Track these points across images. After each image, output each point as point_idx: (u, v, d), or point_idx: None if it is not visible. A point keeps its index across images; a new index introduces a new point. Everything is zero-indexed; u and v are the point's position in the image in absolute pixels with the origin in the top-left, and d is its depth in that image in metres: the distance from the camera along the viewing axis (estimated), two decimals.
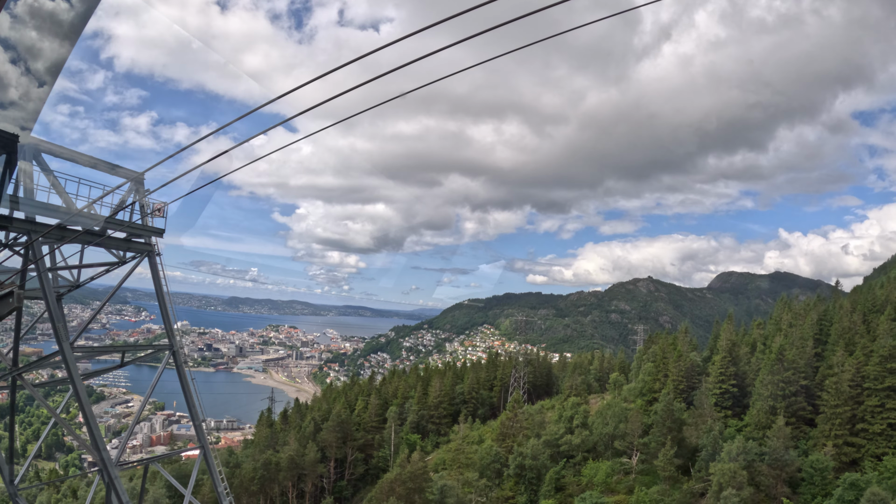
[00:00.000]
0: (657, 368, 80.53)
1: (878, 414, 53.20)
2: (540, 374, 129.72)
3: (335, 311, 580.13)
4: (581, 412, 74.19)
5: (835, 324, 65.93)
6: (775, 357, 60.49)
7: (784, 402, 58.51)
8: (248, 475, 78.17)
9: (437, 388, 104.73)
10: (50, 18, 9.82)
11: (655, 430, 59.40)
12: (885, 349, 54.43)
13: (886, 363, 54.13)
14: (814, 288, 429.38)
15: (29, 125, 10.80)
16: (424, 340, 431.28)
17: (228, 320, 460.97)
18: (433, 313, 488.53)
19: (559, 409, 78.13)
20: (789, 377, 58.91)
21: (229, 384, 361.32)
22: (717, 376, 68.63)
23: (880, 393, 53.61)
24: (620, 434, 63.27)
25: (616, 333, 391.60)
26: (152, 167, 9.49)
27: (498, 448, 71.56)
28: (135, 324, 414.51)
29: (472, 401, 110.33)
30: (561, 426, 70.98)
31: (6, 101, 10.51)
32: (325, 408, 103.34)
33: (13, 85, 10.28)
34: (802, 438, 57.33)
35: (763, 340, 77.31)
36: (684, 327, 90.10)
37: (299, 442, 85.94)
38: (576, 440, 67.69)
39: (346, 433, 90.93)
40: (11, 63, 9.92)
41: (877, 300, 74.87)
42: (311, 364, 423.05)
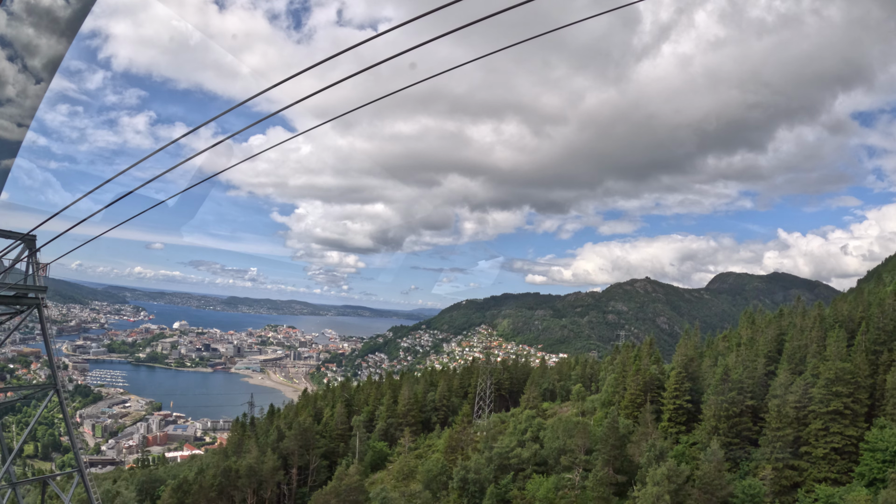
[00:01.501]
0: (617, 381, 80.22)
1: (822, 437, 52.73)
2: (517, 381, 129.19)
3: (334, 311, 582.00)
4: (535, 425, 73.95)
5: (786, 342, 65.35)
6: (720, 377, 60.03)
7: (728, 423, 58.10)
8: (208, 482, 78.68)
9: (406, 395, 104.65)
10: (47, 15, 9.83)
11: (599, 447, 59.12)
12: (831, 371, 53.90)
13: (832, 386, 53.61)
14: (812, 289, 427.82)
15: (26, 122, 10.81)
16: (422, 341, 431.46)
17: (227, 320, 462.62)
18: (432, 313, 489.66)
19: (513, 421, 77.81)
20: (733, 397, 58.45)
21: (226, 384, 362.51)
22: (671, 392, 68.23)
23: (825, 416, 53.11)
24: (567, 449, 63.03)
25: (613, 334, 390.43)
26: (40, 225, 9.46)
27: (445, 461, 71.45)
28: (133, 323, 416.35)
29: (444, 408, 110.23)
30: (513, 439, 70.79)
31: (3, 98, 10.53)
32: (290, 416, 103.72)
33: (10, 82, 10.32)
34: (745, 460, 56.96)
35: (726, 354, 76.78)
36: (649, 339, 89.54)
37: (261, 449, 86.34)
38: (525, 454, 67.49)
39: (309, 441, 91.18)
40: (8, 60, 9.92)
41: (839, 315, 74.27)
42: (309, 364, 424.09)
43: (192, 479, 79.34)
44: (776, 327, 75.78)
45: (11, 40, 9.23)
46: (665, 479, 44.29)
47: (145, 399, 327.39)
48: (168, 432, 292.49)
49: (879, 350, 63.01)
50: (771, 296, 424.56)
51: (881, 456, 48.08)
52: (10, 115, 10.02)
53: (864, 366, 56.93)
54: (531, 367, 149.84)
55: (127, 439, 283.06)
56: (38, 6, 8.88)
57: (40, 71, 9.31)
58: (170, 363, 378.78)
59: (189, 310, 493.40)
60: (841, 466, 51.67)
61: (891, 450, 47.84)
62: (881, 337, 64.45)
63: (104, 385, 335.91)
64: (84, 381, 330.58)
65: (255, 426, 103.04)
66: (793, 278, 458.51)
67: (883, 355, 61.87)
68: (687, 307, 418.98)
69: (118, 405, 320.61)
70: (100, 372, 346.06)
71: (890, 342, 63.71)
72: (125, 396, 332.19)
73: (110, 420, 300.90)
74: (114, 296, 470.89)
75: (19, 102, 9.80)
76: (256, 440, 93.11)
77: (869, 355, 63.47)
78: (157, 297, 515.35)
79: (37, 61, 9.32)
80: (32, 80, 9.50)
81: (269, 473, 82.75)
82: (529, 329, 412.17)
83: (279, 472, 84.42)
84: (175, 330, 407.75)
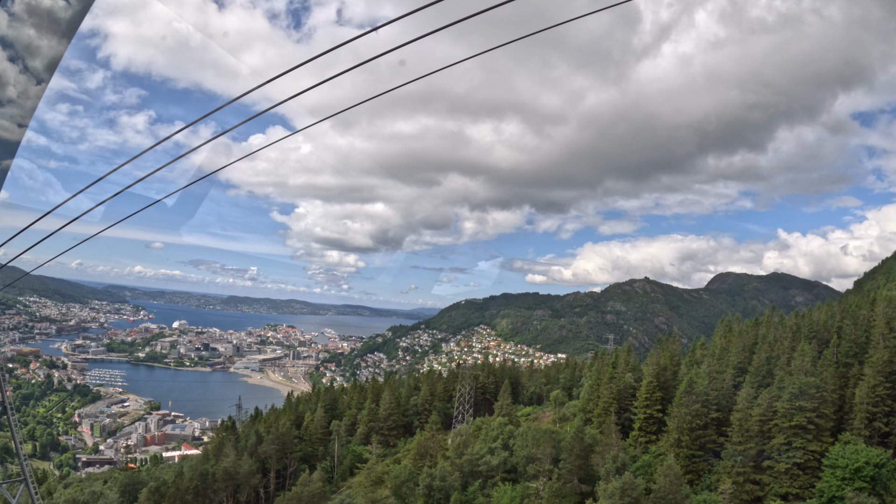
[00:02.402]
0: (592, 389, 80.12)
1: (784, 452, 52.53)
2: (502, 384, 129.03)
3: (334, 311, 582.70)
4: (506, 432, 73.92)
5: (755, 354, 65.05)
6: (684, 388, 59.86)
7: (691, 435, 57.96)
8: (185, 485, 79.55)
9: (388, 400, 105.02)
10: (47, 16, 9.97)
11: (565, 456, 59.08)
12: (795, 386, 53.70)
13: (796, 400, 53.42)
14: (811, 289, 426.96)
15: (25, 122, 10.94)
16: (421, 340, 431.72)
17: (227, 319, 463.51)
18: (432, 313, 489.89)
19: (485, 428, 77.77)
20: (697, 410, 58.30)
21: (225, 384, 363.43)
22: (642, 401, 68.13)
23: (787, 431, 52.93)
24: (535, 458, 63.00)
25: (611, 334, 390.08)
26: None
27: (412, 467, 71.60)
28: (133, 323, 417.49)
29: (426, 412, 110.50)
30: (485, 446, 70.84)
31: (4, 98, 10.69)
32: (271, 420, 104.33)
33: (11, 83, 10.45)
34: (709, 473, 56.81)
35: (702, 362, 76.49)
36: (627, 346, 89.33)
37: (239, 453, 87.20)
38: (494, 461, 67.51)
39: (287, 445, 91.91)
40: (10, 61, 10.08)
41: (815, 325, 73.98)
42: (308, 364, 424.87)
43: (170, 482, 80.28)
44: (752, 336, 75.61)
45: (12, 41, 9.37)
46: (618, 492, 44.18)
47: (144, 398, 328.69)
48: (166, 432, 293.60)
49: (850, 363, 62.81)
50: (770, 296, 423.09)
51: (841, 473, 47.91)
52: (11, 116, 10.22)
53: (831, 380, 56.71)
54: (520, 369, 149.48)
55: (125, 439, 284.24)
56: (39, 6, 9.04)
57: (41, 72, 9.50)
58: (169, 363, 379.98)
59: (189, 309, 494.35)
60: (803, 482, 51.51)
61: (850, 467, 47.63)
62: (853, 349, 64.24)
63: (103, 384, 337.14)
64: (83, 381, 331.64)
65: (236, 429, 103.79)
66: (792, 279, 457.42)
67: (853, 368, 61.67)
68: (686, 307, 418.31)
69: (117, 405, 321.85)
70: (99, 371, 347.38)
71: (861, 355, 63.49)
72: (124, 396, 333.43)
73: (109, 419, 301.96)
74: (114, 295, 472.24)
75: (19, 103, 9.95)
76: (236, 444, 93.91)
77: (840, 367, 63.30)
78: (157, 297, 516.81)
79: (37, 62, 9.49)
80: (33, 80, 9.68)
81: (246, 477, 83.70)
82: (528, 329, 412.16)
83: (256, 476, 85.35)
84: (174, 329, 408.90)
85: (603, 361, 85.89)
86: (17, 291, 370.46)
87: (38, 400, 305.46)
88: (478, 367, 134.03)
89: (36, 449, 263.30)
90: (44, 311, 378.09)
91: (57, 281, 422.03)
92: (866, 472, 47.24)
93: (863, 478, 47.03)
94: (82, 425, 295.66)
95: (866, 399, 55.98)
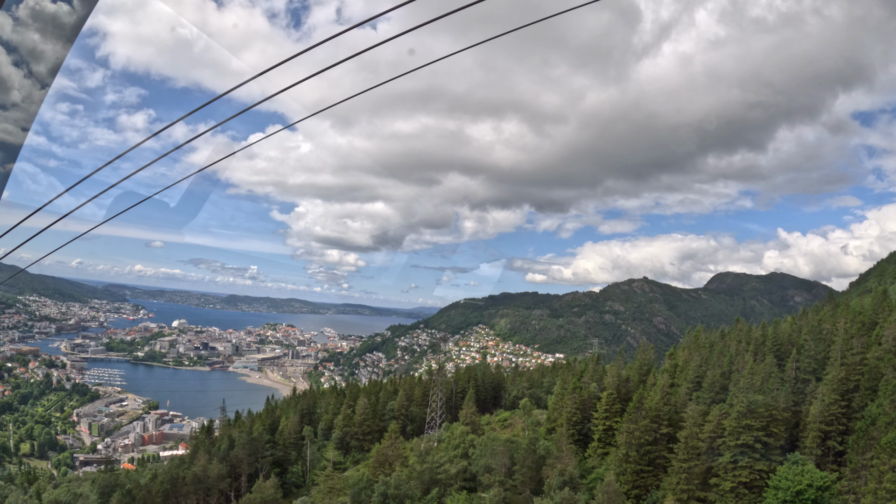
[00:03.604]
0: (558, 397, 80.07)
1: (730, 471, 52.44)
2: (485, 388, 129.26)
3: (334, 310, 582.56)
4: (467, 441, 74.09)
5: (709, 369, 64.85)
6: (635, 403, 59.76)
7: (640, 451, 57.84)
8: (156, 489, 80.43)
9: (363, 405, 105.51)
10: (52, 21, 10.22)
11: (517, 467, 59.16)
12: (742, 405, 53.55)
13: (743, 419, 53.27)
14: (810, 289, 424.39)
15: (27, 126, 11.21)
16: (420, 340, 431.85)
17: (227, 318, 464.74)
18: (432, 312, 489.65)
19: (448, 437, 77.95)
20: (647, 425, 58.18)
21: (224, 383, 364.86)
22: (601, 413, 68.09)
23: (734, 449, 52.82)
24: (491, 468, 63.10)
25: (610, 334, 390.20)
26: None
27: (370, 475, 71.90)
28: (133, 322, 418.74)
29: (402, 418, 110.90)
30: (446, 455, 71.06)
31: (8, 103, 10.95)
32: (246, 424, 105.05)
33: (16, 87, 10.70)
34: (656, 488, 56.71)
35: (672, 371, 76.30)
36: (596, 356, 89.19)
37: (210, 457, 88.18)
38: (453, 470, 67.70)
39: (258, 450, 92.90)
40: (14, 66, 10.36)
41: (780, 338, 73.70)
42: (307, 363, 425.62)
43: (142, 485, 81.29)
44: (720, 347, 75.49)
45: (17, 45, 9.44)
46: None
47: (142, 398, 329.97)
48: (164, 431, 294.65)
49: (808, 379, 62.59)
50: (769, 296, 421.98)
51: (782, 496, 47.75)
52: (15, 120, 10.33)
53: (783, 397, 56.53)
54: (504, 373, 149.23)
55: (123, 438, 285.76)
56: (43, 11, 9.15)
57: (44, 75, 9.64)
58: (168, 362, 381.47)
59: (189, 308, 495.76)
60: (749, 501, 51.46)
61: (792, 490, 47.46)
62: (811, 365, 64.00)
63: (102, 384, 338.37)
64: (82, 380, 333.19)
65: (211, 433, 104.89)
66: (791, 278, 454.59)
67: (811, 385, 61.46)
68: (684, 307, 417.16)
69: (115, 404, 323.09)
70: (98, 371, 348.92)
71: (819, 371, 63.22)
72: (122, 395, 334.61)
73: (107, 419, 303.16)
74: (114, 294, 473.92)
75: (24, 107, 10.05)
76: (209, 448, 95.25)
77: (798, 383, 63.13)
78: (157, 295, 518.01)
79: (42, 66, 9.62)
80: (38, 85, 9.77)
81: (215, 481, 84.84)
82: (527, 329, 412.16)
83: (225, 480, 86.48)
84: (174, 328, 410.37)
85: (567, 372, 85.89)
86: (16, 290, 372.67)
87: (37, 399, 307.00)
88: (459, 373, 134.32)
89: (34, 448, 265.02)
90: (43, 310, 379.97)
91: (57, 280, 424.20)
92: (808, 494, 47.07)
93: (804, 501, 46.87)
94: (80, 425, 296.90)
95: (819, 418, 55.78)
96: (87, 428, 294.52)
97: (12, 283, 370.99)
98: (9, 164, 11.28)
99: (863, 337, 62.14)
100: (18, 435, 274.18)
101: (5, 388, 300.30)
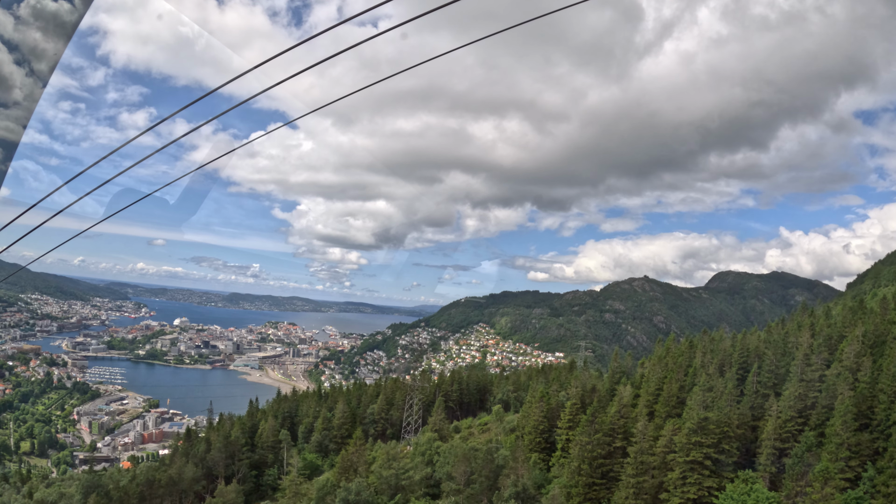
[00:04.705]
0: (528, 405, 79.73)
1: (679, 487, 52.04)
2: (468, 392, 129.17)
3: (336, 308, 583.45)
4: (433, 448, 74.04)
5: (665, 383, 64.30)
6: (588, 416, 59.41)
7: (592, 464, 57.45)
8: (133, 490, 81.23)
9: (342, 409, 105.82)
10: (53, 19, 10.35)
11: (475, 476, 59.03)
12: (692, 421, 53.09)
13: (693, 436, 52.83)
14: (811, 288, 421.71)
15: (26, 122, 11.35)
16: (420, 339, 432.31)
17: (228, 317, 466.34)
18: (434, 310, 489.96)
19: (414, 443, 77.97)
20: (600, 439, 57.83)
21: (224, 382, 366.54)
22: (565, 422, 67.77)
23: (684, 465, 52.41)
24: (451, 476, 62.99)
25: (610, 333, 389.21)
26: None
27: (334, 480, 72.03)
28: (134, 320, 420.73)
29: (382, 421, 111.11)
30: (412, 461, 71.12)
31: (9, 101, 11.08)
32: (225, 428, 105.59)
33: (17, 86, 10.82)
34: (607, 502, 56.33)
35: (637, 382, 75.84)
36: (570, 362, 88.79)
37: (187, 459, 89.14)
38: (416, 476, 67.72)
39: (233, 453, 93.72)
40: (16, 64, 10.48)
41: (747, 350, 73.07)
42: (308, 361, 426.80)
43: (120, 487, 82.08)
44: (685, 358, 74.97)
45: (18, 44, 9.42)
46: None
47: (143, 396, 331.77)
48: (164, 430, 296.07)
49: (767, 394, 62.01)
50: (770, 295, 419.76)
51: None
52: (16, 118, 10.34)
53: (735, 413, 56.03)
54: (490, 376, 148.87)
55: (123, 436, 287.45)
56: (42, 9, 9.14)
57: (43, 72, 9.67)
58: (169, 360, 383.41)
59: (191, 306, 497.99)
60: None
61: None
62: (771, 380, 63.45)
63: (102, 382, 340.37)
64: (83, 379, 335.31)
65: (191, 435, 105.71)
66: (792, 277, 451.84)
67: (769, 400, 60.85)
68: (685, 306, 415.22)
69: (116, 402, 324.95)
70: (99, 369, 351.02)
71: (780, 386, 62.62)
72: (123, 394, 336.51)
73: (107, 417, 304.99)
74: (116, 292, 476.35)
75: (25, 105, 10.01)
76: (188, 450, 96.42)
77: (758, 398, 62.59)
78: (159, 294, 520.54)
79: (40, 63, 9.63)
80: (40, 83, 9.77)
81: (189, 484, 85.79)
82: (527, 328, 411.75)
83: (200, 483, 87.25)
84: (175, 327, 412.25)
85: (539, 377, 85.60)
86: (18, 289, 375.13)
87: (38, 398, 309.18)
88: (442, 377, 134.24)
89: (34, 447, 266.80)
90: (45, 308, 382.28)
91: (59, 278, 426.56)
92: None
93: None
94: (81, 423, 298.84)
95: (774, 434, 55.24)
96: (88, 426, 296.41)
97: (14, 282, 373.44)
98: (8, 161, 11.30)
99: (822, 354, 61.55)
100: (19, 433, 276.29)
101: (6, 387, 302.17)
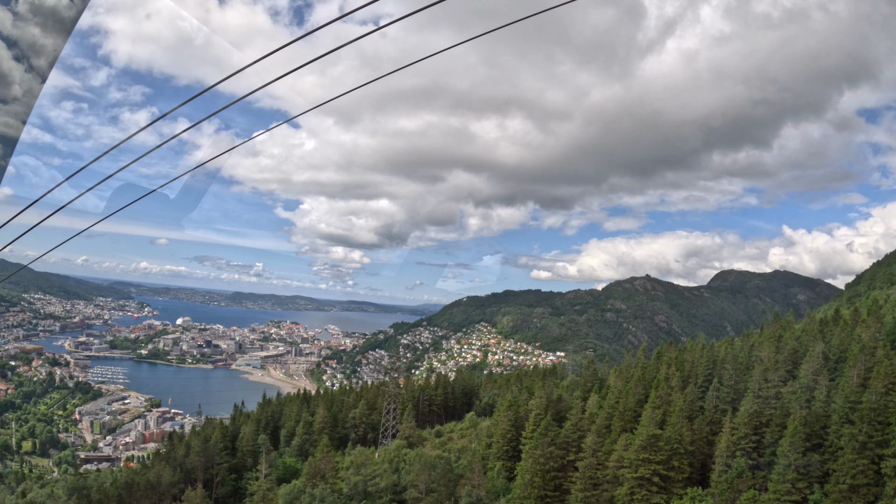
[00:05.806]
0: (497, 413, 79.22)
1: (627, 503, 51.51)
2: (453, 395, 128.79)
3: (339, 307, 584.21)
4: (400, 455, 73.87)
5: (620, 401, 63.55)
6: (541, 430, 58.88)
7: (545, 477, 56.95)
8: (112, 493, 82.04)
9: (322, 414, 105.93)
10: (51, 15, 10.29)
11: (435, 485, 58.77)
12: (642, 437, 52.50)
13: (641, 453, 52.26)
14: (814, 287, 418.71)
15: (25, 119, 11.36)
16: (422, 338, 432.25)
17: (231, 316, 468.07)
18: (437, 309, 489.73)
19: (383, 451, 77.81)
20: (553, 452, 57.32)
21: (226, 381, 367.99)
22: (528, 432, 67.26)
23: (632, 482, 51.86)
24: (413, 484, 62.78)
25: (611, 333, 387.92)
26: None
27: (300, 486, 72.05)
28: (137, 319, 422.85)
29: (363, 425, 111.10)
30: (379, 468, 70.99)
31: (9, 97, 11.06)
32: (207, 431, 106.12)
33: (17, 82, 10.80)
34: None
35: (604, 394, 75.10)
36: (544, 370, 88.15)
37: (166, 463, 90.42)
38: (382, 483, 67.60)
39: (212, 457, 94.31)
40: (15, 60, 10.45)
41: (713, 362, 72.25)
42: (310, 361, 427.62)
43: (101, 489, 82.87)
44: (652, 370, 74.29)
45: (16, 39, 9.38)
46: None
47: (144, 396, 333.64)
48: (165, 429, 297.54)
49: (726, 409, 61.27)
50: (772, 294, 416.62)
51: None
52: (16, 113, 10.32)
53: (685, 431, 55.39)
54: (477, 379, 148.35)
55: (124, 436, 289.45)
56: (42, 6, 9.10)
57: (43, 68, 9.66)
58: (171, 359, 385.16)
59: (194, 305, 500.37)
60: None
61: None
62: (730, 395, 62.69)
63: (104, 382, 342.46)
64: (85, 378, 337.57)
65: (173, 438, 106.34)
66: (794, 276, 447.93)
67: (727, 415, 60.10)
68: (686, 305, 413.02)
69: (117, 402, 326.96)
70: (101, 369, 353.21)
71: (738, 401, 61.81)
72: (125, 393, 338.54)
73: (109, 417, 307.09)
74: (118, 291, 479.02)
75: (25, 101, 9.99)
76: (168, 454, 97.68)
77: (717, 413, 61.87)
78: (162, 293, 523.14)
79: (39, 60, 9.60)
80: (39, 79, 9.75)
81: (167, 487, 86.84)
82: (528, 327, 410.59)
83: (178, 486, 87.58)
84: (178, 326, 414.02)
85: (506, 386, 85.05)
86: (21, 288, 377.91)
87: (40, 397, 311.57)
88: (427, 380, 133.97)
89: (36, 446, 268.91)
90: (48, 308, 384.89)
91: (62, 278, 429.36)
92: None
93: None
94: (82, 423, 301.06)
95: (726, 451, 54.58)
96: (89, 426, 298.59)
97: (17, 281, 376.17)
98: (7, 157, 11.15)
99: (786, 368, 60.84)
100: (21, 433, 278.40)
101: (8, 387, 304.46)
